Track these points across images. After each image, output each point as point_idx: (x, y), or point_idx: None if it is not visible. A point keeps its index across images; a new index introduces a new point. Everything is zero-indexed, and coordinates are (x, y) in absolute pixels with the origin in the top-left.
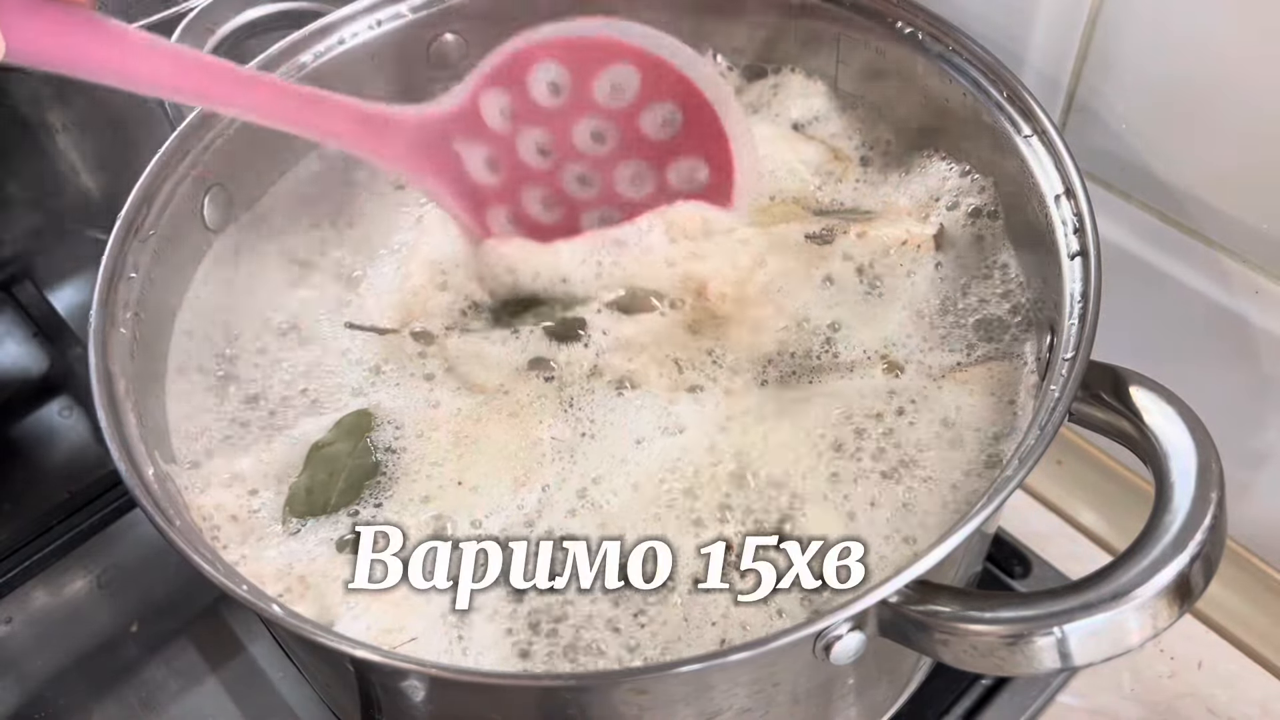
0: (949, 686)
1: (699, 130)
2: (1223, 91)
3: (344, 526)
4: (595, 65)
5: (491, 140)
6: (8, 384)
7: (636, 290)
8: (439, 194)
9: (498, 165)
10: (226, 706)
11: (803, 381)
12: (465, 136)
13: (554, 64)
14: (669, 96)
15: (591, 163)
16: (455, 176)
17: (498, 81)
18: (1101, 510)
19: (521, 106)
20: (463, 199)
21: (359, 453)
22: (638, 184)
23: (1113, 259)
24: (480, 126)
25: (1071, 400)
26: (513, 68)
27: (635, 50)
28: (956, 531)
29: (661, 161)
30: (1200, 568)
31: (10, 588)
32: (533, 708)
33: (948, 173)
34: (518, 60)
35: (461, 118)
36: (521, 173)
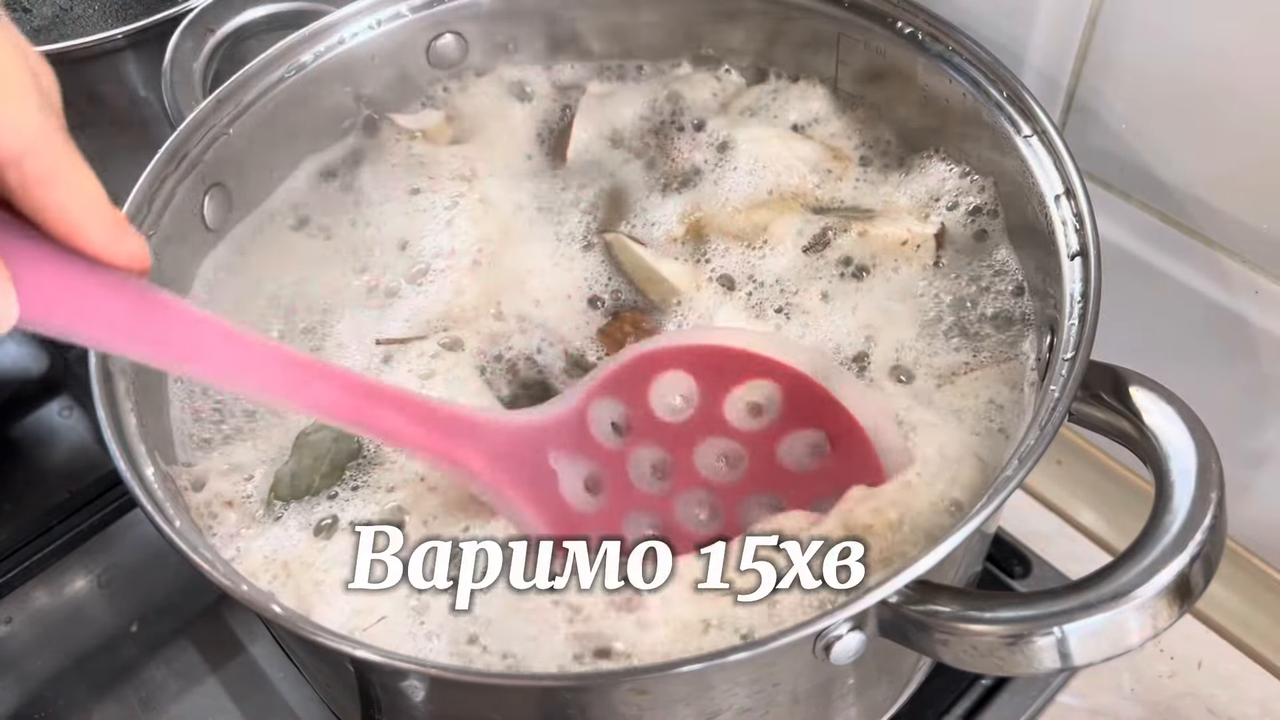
0: (949, 686)
1: (848, 460)
2: (1223, 91)
3: (322, 510)
4: (730, 380)
5: (597, 456)
6: (8, 384)
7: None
8: (523, 515)
9: (600, 486)
10: (226, 706)
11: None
12: (566, 450)
13: (683, 374)
14: (814, 422)
15: (717, 490)
16: (546, 495)
17: (612, 390)
18: (1101, 510)
19: (639, 420)
20: (549, 519)
21: (343, 438)
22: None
23: (1113, 259)
24: (586, 440)
25: (1071, 400)
26: (633, 375)
27: (778, 366)
28: (956, 531)
29: (800, 492)
30: (1200, 568)
31: (10, 588)
32: (533, 708)
33: (948, 173)
34: (639, 367)
35: (564, 428)
36: (628, 498)
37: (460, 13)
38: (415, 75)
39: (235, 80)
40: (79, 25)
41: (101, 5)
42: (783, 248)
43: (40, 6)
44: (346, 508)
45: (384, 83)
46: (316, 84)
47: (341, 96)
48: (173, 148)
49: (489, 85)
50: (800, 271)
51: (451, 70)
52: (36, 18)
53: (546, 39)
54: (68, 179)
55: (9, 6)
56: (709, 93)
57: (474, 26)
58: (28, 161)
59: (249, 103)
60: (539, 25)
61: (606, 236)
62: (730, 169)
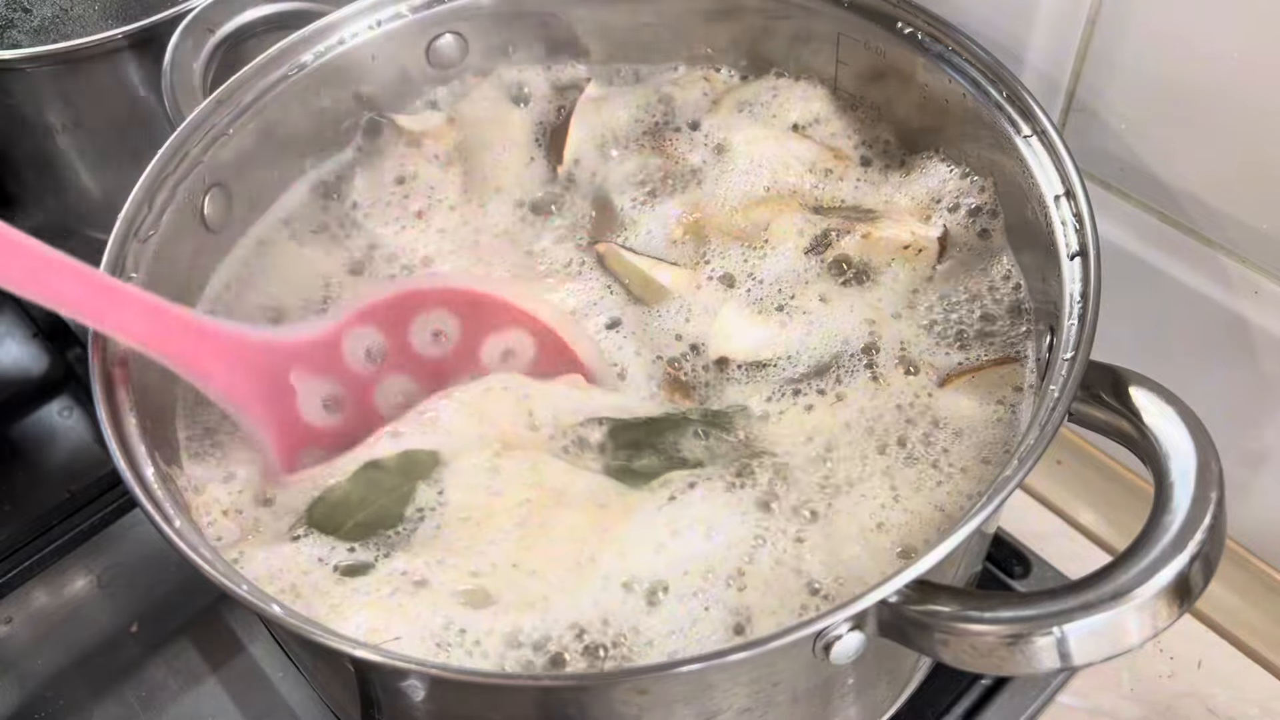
0: (948, 686)
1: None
2: (1223, 92)
3: (342, 553)
4: (488, 326)
5: (344, 380)
6: (8, 384)
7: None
8: (254, 423)
9: (340, 406)
10: (226, 706)
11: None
12: (310, 371)
13: (446, 313)
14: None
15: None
16: (280, 410)
17: (371, 321)
18: (1101, 510)
19: (394, 351)
20: (279, 433)
21: (398, 498)
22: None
23: (1113, 259)
24: (336, 363)
25: (1071, 400)
26: (397, 308)
27: (529, 318)
28: (956, 531)
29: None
30: (1200, 567)
31: (10, 588)
32: (533, 708)
33: (948, 173)
34: (405, 302)
35: (313, 349)
36: (369, 420)
37: (460, 13)
38: (415, 75)
39: (235, 80)
40: (79, 25)
41: (101, 5)
42: (784, 248)
43: (40, 6)
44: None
45: (384, 83)
46: (316, 84)
47: (341, 97)
48: (173, 148)
49: (489, 86)
50: (801, 273)
51: (451, 70)
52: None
53: (546, 39)
54: None
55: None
56: (700, 92)
57: (474, 27)
58: None
59: (249, 103)
60: (539, 25)
61: (598, 247)
62: (728, 169)
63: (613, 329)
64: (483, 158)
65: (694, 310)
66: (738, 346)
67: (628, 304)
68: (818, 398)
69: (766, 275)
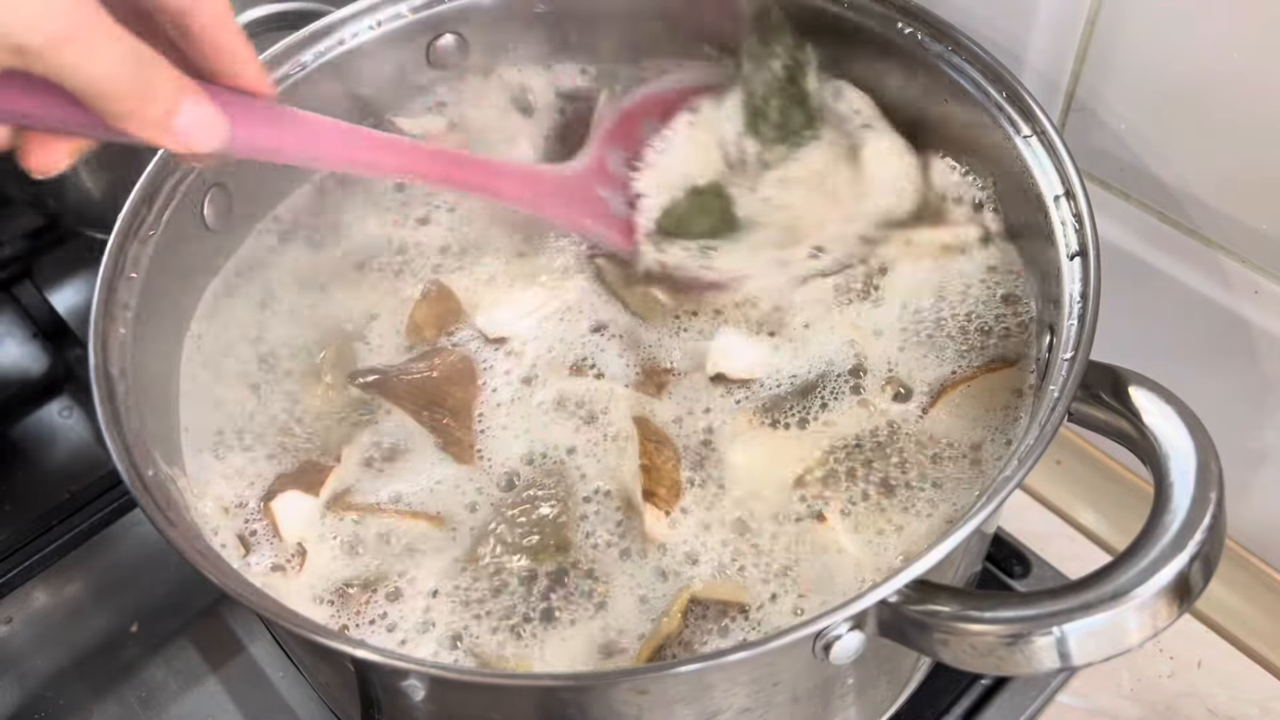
0: (948, 686)
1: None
2: (1222, 91)
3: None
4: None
5: (618, 185)
6: (8, 384)
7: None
8: (598, 231)
9: (633, 202)
10: (226, 706)
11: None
12: (603, 186)
13: (656, 119)
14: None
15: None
16: (606, 215)
17: (613, 141)
18: (1101, 510)
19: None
20: (611, 230)
21: (723, 207)
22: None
23: (1112, 259)
24: (608, 175)
25: (1071, 400)
26: (623, 126)
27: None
28: (956, 531)
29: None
30: (1199, 567)
31: (10, 588)
32: (533, 708)
33: (948, 173)
34: (626, 118)
35: (595, 170)
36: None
37: (460, 13)
38: (415, 76)
39: None
40: None
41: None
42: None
43: None
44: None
45: (384, 83)
46: (317, 84)
47: (342, 97)
48: None
49: (490, 88)
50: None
51: (452, 71)
52: None
53: (548, 40)
54: (231, 20)
55: None
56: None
57: (474, 27)
58: (202, 6)
59: None
60: (539, 26)
61: (597, 260)
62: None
63: (597, 332)
64: None
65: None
66: (735, 365)
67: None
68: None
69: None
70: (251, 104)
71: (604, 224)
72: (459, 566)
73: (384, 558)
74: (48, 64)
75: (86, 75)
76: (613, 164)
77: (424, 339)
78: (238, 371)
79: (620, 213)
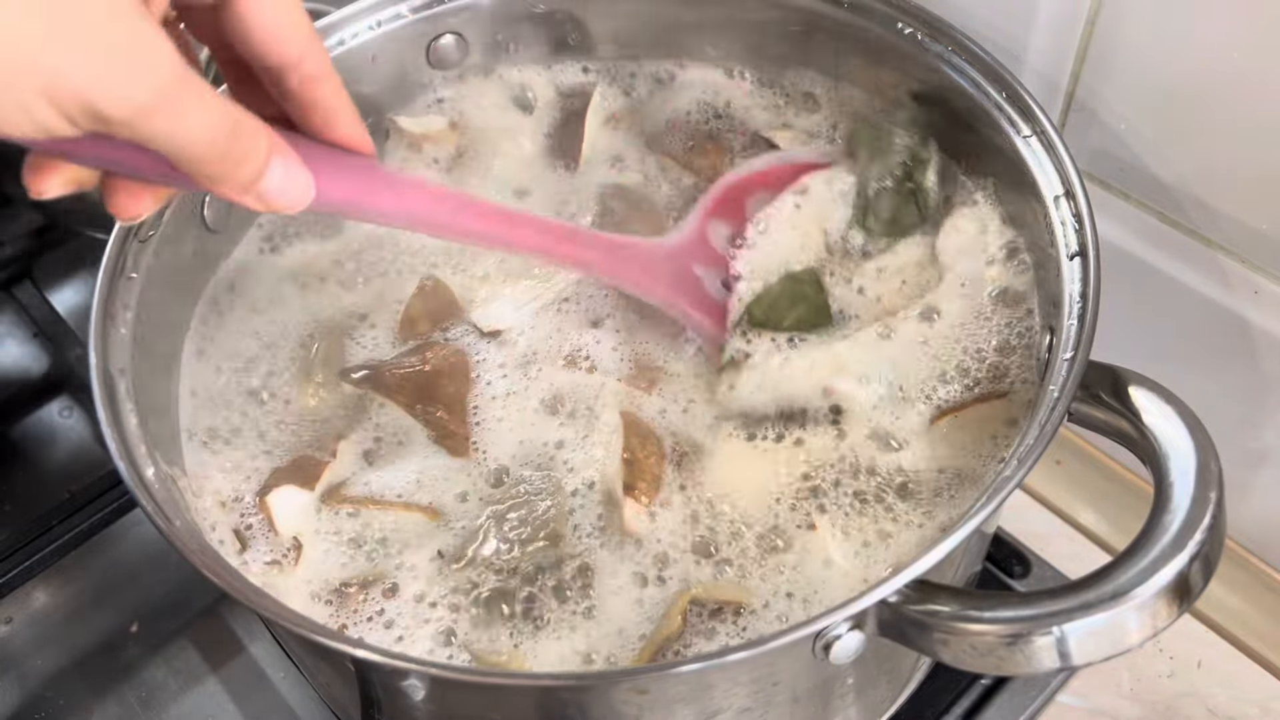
0: (948, 686)
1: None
2: (1222, 91)
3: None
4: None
5: (718, 261)
6: (8, 384)
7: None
8: (688, 314)
9: (730, 282)
10: (226, 706)
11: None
12: (700, 261)
13: (763, 192)
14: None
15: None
16: (700, 296)
17: (718, 213)
18: (1101, 510)
19: (738, 230)
20: (705, 312)
21: (820, 301)
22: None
23: (1112, 259)
24: (709, 250)
25: (1071, 400)
26: (729, 198)
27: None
28: (956, 531)
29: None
30: (1199, 567)
31: (10, 588)
32: (533, 708)
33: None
34: (732, 191)
35: (695, 244)
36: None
37: (460, 13)
38: (415, 76)
39: None
40: None
41: None
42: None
43: None
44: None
45: (384, 83)
46: None
47: None
48: None
49: (491, 89)
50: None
51: (452, 71)
52: None
53: (548, 39)
54: (331, 78)
55: None
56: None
57: (474, 27)
58: (305, 64)
59: None
60: (539, 25)
61: None
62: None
63: (595, 326)
64: (486, 162)
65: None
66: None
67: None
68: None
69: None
70: (346, 162)
71: (698, 306)
72: (454, 559)
73: (379, 551)
74: (136, 132)
75: (176, 143)
76: (715, 238)
77: (418, 334)
78: (236, 370)
79: (716, 294)
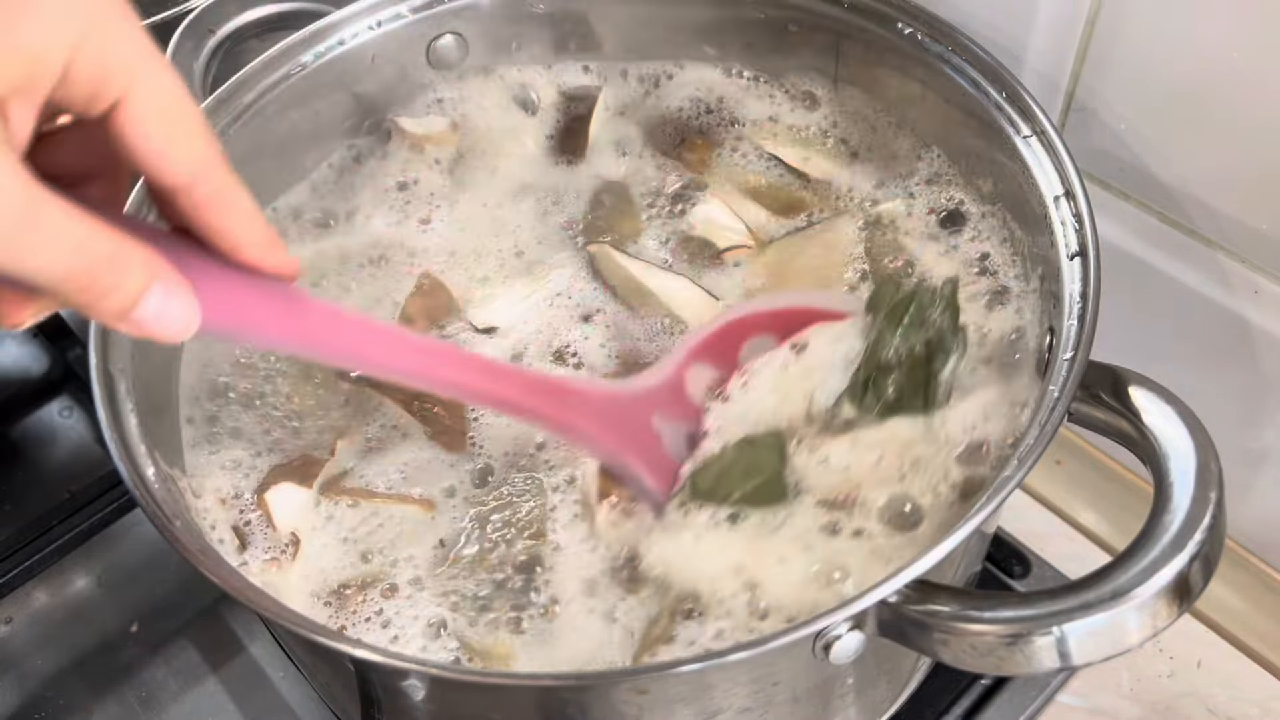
0: (948, 686)
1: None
2: (1222, 92)
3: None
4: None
5: (692, 414)
6: (8, 384)
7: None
8: (630, 471)
9: (697, 437)
10: (226, 706)
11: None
12: (666, 413)
13: (766, 336)
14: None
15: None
16: (652, 452)
17: (705, 356)
18: (1101, 510)
19: (725, 376)
20: (653, 471)
21: (775, 473)
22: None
23: (1112, 259)
24: (681, 400)
25: (1071, 400)
26: (723, 340)
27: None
28: (956, 531)
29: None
30: (1199, 567)
31: (10, 588)
32: (533, 707)
33: (948, 173)
34: (730, 333)
35: (663, 392)
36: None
37: (460, 13)
38: (415, 76)
39: (235, 81)
40: None
41: None
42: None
43: None
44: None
45: (384, 83)
46: (317, 85)
47: (342, 98)
48: None
49: (492, 89)
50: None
51: (452, 71)
52: None
53: (548, 39)
54: (229, 201)
55: None
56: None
57: (474, 27)
58: (197, 188)
59: (249, 103)
60: (539, 26)
61: (590, 248)
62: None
63: (586, 320)
64: (487, 163)
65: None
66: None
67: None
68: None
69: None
70: (254, 286)
71: (645, 463)
72: (448, 554)
73: (376, 546)
74: None
75: (27, 274)
76: (696, 383)
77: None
78: (236, 370)
79: (674, 451)
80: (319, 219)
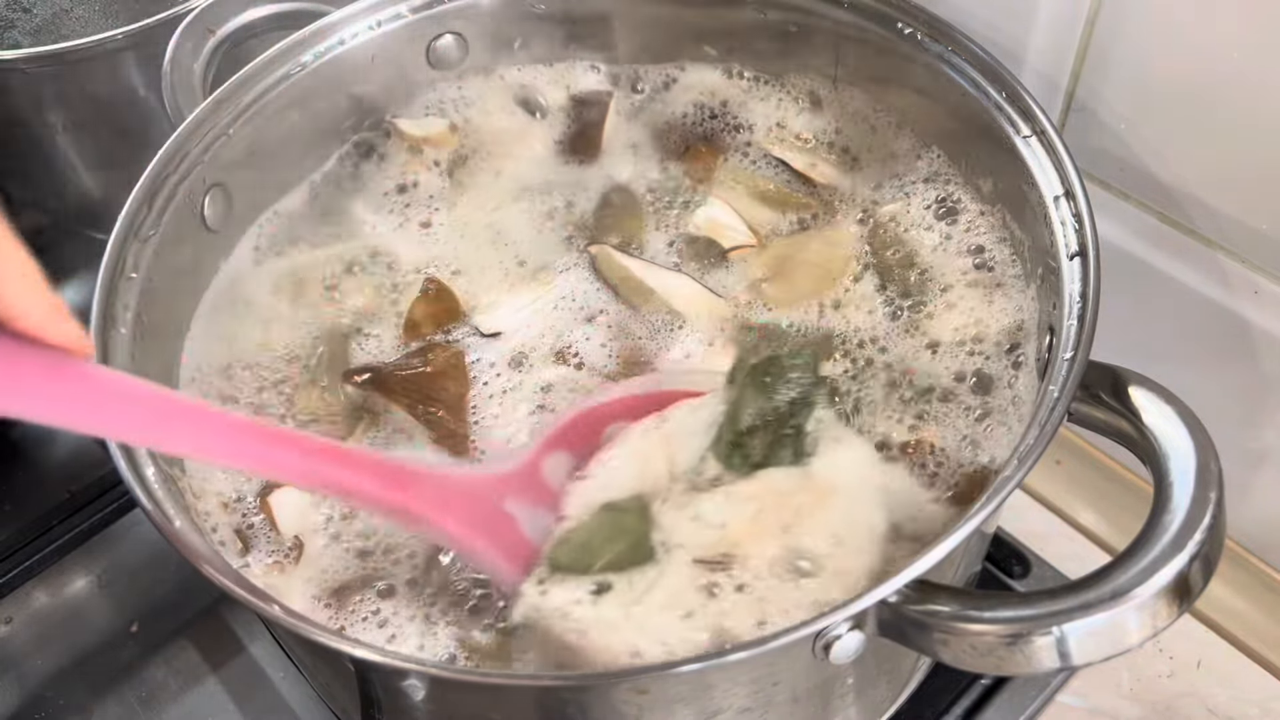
0: (948, 686)
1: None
2: (1222, 92)
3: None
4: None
5: (550, 499)
6: None
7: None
8: (479, 553)
9: (558, 519)
10: (226, 706)
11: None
12: (521, 498)
13: (625, 422)
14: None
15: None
16: (507, 536)
17: (562, 444)
18: (1101, 510)
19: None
20: (507, 555)
21: (640, 536)
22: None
23: (1112, 259)
24: (539, 486)
25: (1070, 400)
26: (580, 430)
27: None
28: (956, 531)
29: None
30: (1199, 567)
31: (10, 588)
32: (533, 707)
33: (948, 173)
34: (586, 420)
35: (517, 479)
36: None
37: (460, 13)
38: (415, 76)
39: (235, 81)
40: (79, 25)
41: (101, 5)
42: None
43: (40, 6)
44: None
45: (384, 83)
46: (317, 85)
47: (342, 98)
48: (173, 148)
49: (492, 89)
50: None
51: (452, 71)
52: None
53: (548, 39)
54: (5, 268)
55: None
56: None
57: (474, 27)
58: None
59: (249, 103)
60: (539, 25)
61: (591, 249)
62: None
63: (589, 321)
64: (492, 165)
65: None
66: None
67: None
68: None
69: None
70: (41, 360)
71: (498, 549)
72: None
73: (376, 546)
74: None
75: None
76: (550, 471)
77: (420, 336)
78: (237, 371)
79: (533, 535)
80: (319, 220)
